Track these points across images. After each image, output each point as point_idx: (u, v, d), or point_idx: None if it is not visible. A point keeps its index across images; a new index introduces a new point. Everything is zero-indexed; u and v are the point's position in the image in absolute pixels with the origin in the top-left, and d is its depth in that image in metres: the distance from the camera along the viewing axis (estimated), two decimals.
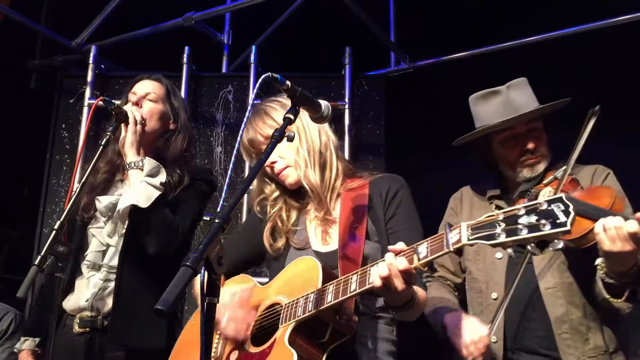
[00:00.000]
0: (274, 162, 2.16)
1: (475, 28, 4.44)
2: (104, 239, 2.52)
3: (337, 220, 2.13)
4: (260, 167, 1.83)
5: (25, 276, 2.10)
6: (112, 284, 2.45)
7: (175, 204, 2.50)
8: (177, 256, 2.28)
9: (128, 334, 2.39)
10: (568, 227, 1.40)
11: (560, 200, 1.45)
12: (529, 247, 1.49)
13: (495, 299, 2.44)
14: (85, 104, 4.25)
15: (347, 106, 4.18)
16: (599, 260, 2.20)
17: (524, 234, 1.47)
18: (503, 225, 1.51)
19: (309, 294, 1.89)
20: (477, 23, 4.47)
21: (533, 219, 1.46)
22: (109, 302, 2.43)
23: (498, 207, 2.51)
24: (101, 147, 2.36)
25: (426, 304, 2.11)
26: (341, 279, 1.85)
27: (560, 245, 1.47)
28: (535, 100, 2.55)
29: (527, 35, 4.16)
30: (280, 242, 2.17)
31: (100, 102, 2.40)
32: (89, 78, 4.29)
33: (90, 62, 4.32)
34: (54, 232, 2.15)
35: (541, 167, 2.49)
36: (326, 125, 2.20)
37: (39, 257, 2.11)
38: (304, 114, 2.00)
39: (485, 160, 2.65)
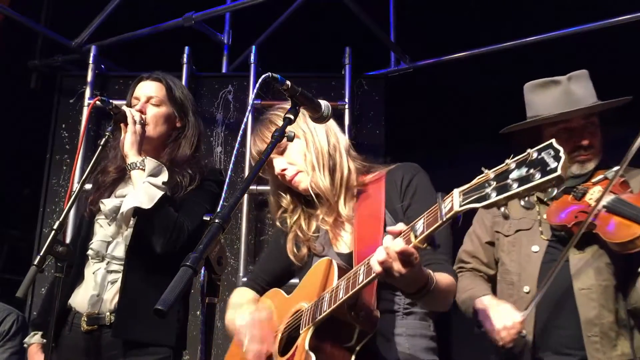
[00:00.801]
0: (284, 170, 2.12)
1: (475, 28, 4.44)
2: (109, 231, 2.53)
3: (353, 220, 2.09)
4: (261, 166, 1.81)
5: (25, 276, 2.10)
6: (118, 277, 2.44)
7: (184, 203, 2.50)
8: (184, 255, 2.27)
9: (133, 329, 2.38)
10: (559, 172, 1.31)
11: (550, 146, 1.37)
12: (527, 200, 1.39)
13: (527, 292, 2.39)
14: (85, 104, 4.25)
15: (347, 106, 4.18)
16: None
17: (515, 188, 1.37)
18: (494, 183, 1.41)
19: (324, 294, 1.85)
20: (477, 23, 4.47)
21: (524, 171, 1.37)
22: (116, 299, 2.42)
23: (539, 200, 2.38)
24: (100, 147, 2.36)
25: (450, 292, 1.95)
26: (350, 273, 1.80)
27: (555, 192, 1.38)
28: (594, 95, 2.45)
29: (527, 35, 4.16)
30: (304, 251, 2.14)
31: (98, 102, 2.38)
32: (89, 78, 4.29)
33: (90, 62, 4.32)
34: (53, 232, 2.15)
35: (591, 165, 2.39)
36: (334, 126, 2.17)
37: (39, 257, 2.11)
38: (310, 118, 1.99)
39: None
